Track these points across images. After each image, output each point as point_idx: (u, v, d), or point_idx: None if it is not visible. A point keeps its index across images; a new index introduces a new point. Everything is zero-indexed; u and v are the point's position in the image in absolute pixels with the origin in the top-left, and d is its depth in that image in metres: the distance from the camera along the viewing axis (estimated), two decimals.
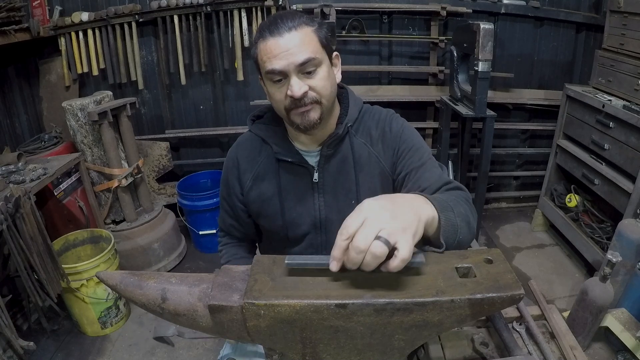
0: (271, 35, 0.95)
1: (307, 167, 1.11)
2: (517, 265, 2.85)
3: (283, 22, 0.95)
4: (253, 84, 3.06)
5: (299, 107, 0.98)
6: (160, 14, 2.72)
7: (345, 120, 1.10)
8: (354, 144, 1.12)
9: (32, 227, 1.84)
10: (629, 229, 1.94)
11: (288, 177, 1.13)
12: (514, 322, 1.11)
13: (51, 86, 2.88)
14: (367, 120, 1.15)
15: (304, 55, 0.94)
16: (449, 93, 2.80)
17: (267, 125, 1.16)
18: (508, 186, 3.59)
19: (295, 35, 0.95)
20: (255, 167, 1.15)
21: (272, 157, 1.13)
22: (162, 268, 2.76)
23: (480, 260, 0.72)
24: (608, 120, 2.32)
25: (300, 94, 0.95)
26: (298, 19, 0.97)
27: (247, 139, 1.19)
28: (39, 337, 2.21)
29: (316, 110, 1.00)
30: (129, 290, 0.72)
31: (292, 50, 0.94)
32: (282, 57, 0.94)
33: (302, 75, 0.96)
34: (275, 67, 0.95)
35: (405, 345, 0.69)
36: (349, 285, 0.67)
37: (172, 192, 3.14)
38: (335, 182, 1.12)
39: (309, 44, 0.96)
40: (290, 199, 1.13)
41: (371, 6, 2.83)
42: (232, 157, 1.19)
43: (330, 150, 1.10)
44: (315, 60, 0.96)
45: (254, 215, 1.20)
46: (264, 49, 0.96)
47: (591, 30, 3.00)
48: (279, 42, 0.94)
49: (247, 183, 1.16)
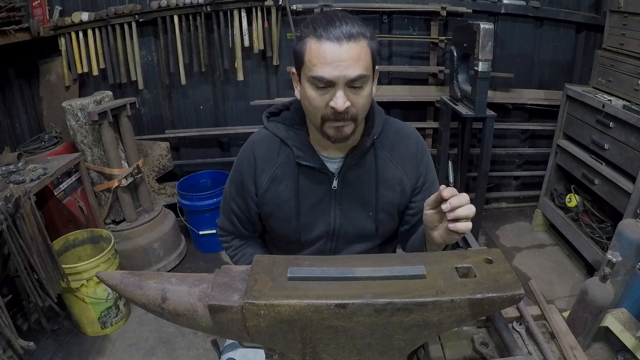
0: (328, 38, 0.89)
1: (327, 174, 1.09)
2: (517, 265, 2.85)
3: (342, 26, 0.90)
4: (253, 84, 3.06)
5: (337, 121, 0.95)
6: (160, 14, 2.72)
7: (372, 133, 1.09)
8: (378, 157, 1.11)
9: (32, 227, 1.84)
10: (629, 229, 1.94)
11: (306, 182, 1.10)
12: (514, 322, 1.10)
13: (51, 86, 2.88)
14: (389, 132, 1.14)
15: (358, 72, 0.91)
16: (449, 93, 2.79)
17: (286, 126, 1.12)
18: (508, 186, 3.59)
19: (354, 47, 0.90)
20: (273, 169, 1.11)
21: (291, 160, 1.09)
22: (162, 268, 2.76)
23: (480, 260, 0.72)
24: (608, 120, 2.32)
25: (343, 108, 0.92)
26: (358, 27, 0.92)
27: (264, 137, 1.14)
28: (39, 337, 2.21)
29: (350, 126, 0.98)
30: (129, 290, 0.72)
31: (347, 63, 0.89)
32: (336, 68, 0.89)
33: (348, 88, 0.93)
34: (325, 76, 0.90)
35: (405, 345, 0.69)
36: (349, 285, 0.67)
37: (172, 192, 3.14)
38: (353, 192, 1.11)
39: (364, 59, 0.92)
40: (307, 203, 1.11)
41: (371, 6, 2.83)
42: (247, 155, 1.14)
43: (353, 161, 1.09)
44: (366, 77, 0.93)
45: (265, 216, 1.17)
46: (317, 51, 0.90)
47: (591, 30, 3.00)
48: (336, 49, 0.89)
49: (263, 184, 1.12)
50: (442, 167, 2.90)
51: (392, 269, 0.70)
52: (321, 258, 0.75)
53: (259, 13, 2.74)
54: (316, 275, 0.69)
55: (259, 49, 2.81)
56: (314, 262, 0.74)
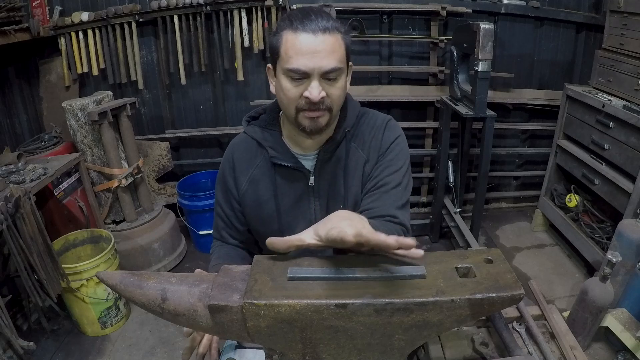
0: (304, 30, 0.91)
1: (303, 172, 1.10)
2: (517, 265, 2.85)
3: (317, 19, 0.92)
4: (253, 83, 3.06)
5: (312, 111, 0.97)
6: (160, 14, 2.72)
7: (344, 125, 1.10)
8: (349, 149, 1.12)
9: (32, 227, 1.84)
10: (629, 229, 1.93)
11: (284, 181, 1.12)
12: (514, 322, 1.10)
13: (51, 86, 2.88)
14: (363, 125, 1.14)
15: (332, 64, 0.93)
16: (449, 93, 2.79)
17: (262, 128, 1.14)
18: (508, 186, 3.59)
19: (329, 38, 0.92)
20: (251, 170, 1.14)
21: (267, 161, 1.12)
22: (162, 268, 2.76)
23: (480, 260, 0.72)
24: (608, 120, 2.32)
25: (318, 98, 0.94)
26: (332, 21, 0.94)
27: (242, 141, 1.17)
28: (39, 337, 2.21)
29: (326, 116, 0.99)
30: (129, 290, 0.72)
31: (322, 55, 0.91)
32: (311, 59, 0.91)
33: (323, 80, 0.94)
34: (300, 68, 0.92)
35: (405, 345, 0.69)
36: (349, 285, 0.67)
37: (172, 192, 3.14)
38: (329, 186, 1.12)
39: (338, 52, 0.94)
40: (286, 203, 1.13)
41: (371, 6, 2.83)
42: (227, 158, 1.17)
43: (327, 155, 1.10)
44: (340, 69, 0.95)
45: (249, 218, 1.18)
46: (293, 42, 0.92)
47: (591, 30, 3.00)
48: (311, 40, 0.91)
49: (242, 186, 1.15)
50: (442, 167, 2.90)
51: (392, 269, 0.70)
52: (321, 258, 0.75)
53: (259, 13, 2.74)
54: (316, 275, 0.69)
55: (259, 49, 2.81)
56: (314, 262, 0.74)
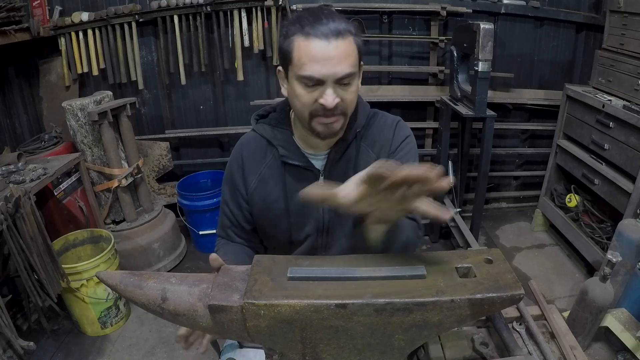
0: (316, 35, 0.89)
1: (313, 171, 1.10)
2: (517, 265, 2.85)
3: (329, 23, 0.90)
4: (253, 83, 3.06)
5: (327, 117, 0.96)
6: (160, 14, 2.72)
7: (355, 126, 1.10)
8: (360, 149, 1.12)
9: (32, 227, 1.84)
10: (629, 229, 1.93)
11: (293, 180, 1.11)
12: (514, 322, 1.10)
13: (51, 86, 2.88)
14: (373, 125, 1.14)
15: (346, 69, 0.91)
16: (449, 93, 2.79)
17: (272, 127, 1.14)
18: (508, 186, 3.59)
19: (342, 44, 0.90)
20: (260, 169, 1.13)
21: (277, 160, 1.11)
22: (162, 268, 2.76)
23: (480, 260, 0.72)
24: (608, 120, 2.32)
25: (333, 105, 0.93)
26: (344, 24, 0.92)
27: (251, 139, 1.16)
28: (39, 337, 2.21)
29: (340, 121, 0.99)
30: (129, 290, 0.72)
31: (336, 61, 0.90)
32: (324, 65, 0.90)
33: (337, 85, 0.93)
34: (314, 75, 0.90)
35: (405, 345, 0.69)
36: (348, 285, 0.67)
37: (172, 192, 3.14)
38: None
39: (351, 56, 0.93)
40: (296, 202, 1.12)
41: (371, 6, 2.83)
42: (236, 157, 1.16)
43: (337, 155, 1.10)
44: (354, 74, 0.94)
45: (257, 217, 1.18)
46: (306, 48, 0.90)
47: (591, 30, 3.00)
48: (324, 47, 0.89)
49: (251, 184, 1.14)
50: (442, 167, 2.90)
51: (392, 269, 0.70)
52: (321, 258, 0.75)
53: (259, 13, 2.74)
54: (316, 275, 0.69)
55: (259, 49, 2.81)
56: (314, 262, 0.74)
